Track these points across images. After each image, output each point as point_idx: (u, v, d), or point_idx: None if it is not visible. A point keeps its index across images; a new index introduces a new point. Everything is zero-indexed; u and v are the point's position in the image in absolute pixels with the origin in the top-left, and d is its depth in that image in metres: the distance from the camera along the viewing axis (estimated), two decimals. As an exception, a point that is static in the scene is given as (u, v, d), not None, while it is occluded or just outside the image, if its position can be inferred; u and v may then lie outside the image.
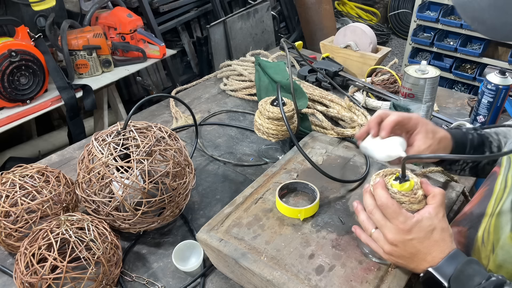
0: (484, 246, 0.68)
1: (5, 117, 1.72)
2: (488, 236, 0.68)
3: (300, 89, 1.29)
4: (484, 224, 0.70)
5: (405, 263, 0.70)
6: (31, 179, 0.91)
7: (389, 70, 1.54)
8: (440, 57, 3.51)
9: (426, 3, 3.41)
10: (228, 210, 0.89)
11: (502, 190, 0.69)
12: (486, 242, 0.68)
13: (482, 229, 0.70)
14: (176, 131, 1.35)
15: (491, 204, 0.71)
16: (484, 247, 0.68)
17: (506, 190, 0.68)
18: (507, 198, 0.67)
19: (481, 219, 0.71)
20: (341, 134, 1.19)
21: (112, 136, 0.89)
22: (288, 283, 0.73)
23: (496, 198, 0.70)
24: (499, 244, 0.65)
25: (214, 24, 2.86)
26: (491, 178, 0.76)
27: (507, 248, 0.64)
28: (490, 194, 0.72)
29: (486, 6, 0.56)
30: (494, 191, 0.71)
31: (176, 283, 0.87)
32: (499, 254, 0.65)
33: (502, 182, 0.70)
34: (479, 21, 0.58)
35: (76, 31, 1.98)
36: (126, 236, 0.97)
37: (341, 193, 0.95)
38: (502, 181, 0.70)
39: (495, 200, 0.70)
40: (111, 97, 2.34)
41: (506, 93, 1.23)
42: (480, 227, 0.71)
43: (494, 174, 0.75)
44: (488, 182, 0.77)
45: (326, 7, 3.65)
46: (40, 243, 0.78)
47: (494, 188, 0.72)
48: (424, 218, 0.67)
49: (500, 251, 0.65)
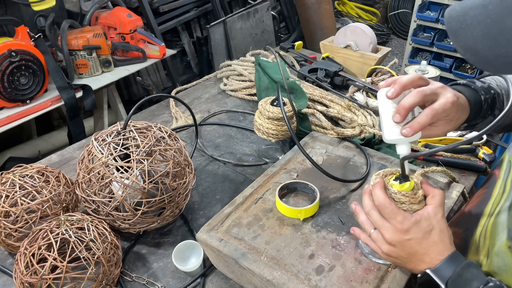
0: (479, 250, 0.68)
1: (5, 117, 1.72)
2: (484, 241, 0.67)
3: (300, 89, 1.29)
4: (480, 227, 0.69)
5: (403, 263, 0.70)
6: (31, 179, 0.91)
7: (389, 70, 1.54)
8: (440, 57, 3.51)
9: (426, 3, 3.42)
10: (228, 210, 0.89)
11: (500, 195, 0.69)
12: (482, 246, 0.67)
13: (478, 232, 0.69)
14: (176, 131, 1.35)
15: (488, 207, 0.70)
16: (479, 251, 0.68)
17: (504, 195, 0.67)
18: (505, 203, 0.66)
19: (478, 221, 0.71)
20: (341, 134, 1.19)
21: (112, 136, 0.89)
22: (288, 283, 0.73)
23: (494, 202, 0.69)
24: (494, 250, 0.64)
25: (214, 24, 2.86)
26: (491, 180, 0.75)
27: (502, 255, 0.63)
28: (488, 197, 0.71)
29: (479, 36, 0.52)
30: (492, 195, 0.71)
31: (176, 283, 0.87)
32: (494, 261, 0.64)
33: (501, 186, 0.69)
34: (471, 52, 0.55)
35: (76, 31, 1.98)
36: (126, 236, 0.97)
37: (341, 193, 0.95)
38: (501, 185, 0.70)
39: (493, 204, 0.69)
40: (111, 97, 2.34)
41: (506, 93, 1.23)
42: (476, 230, 0.70)
43: (494, 176, 0.74)
44: (487, 184, 0.76)
45: (326, 7, 3.65)
46: (40, 243, 0.78)
47: (493, 191, 0.71)
48: (422, 218, 0.67)
49: (495, 258, 0.64)
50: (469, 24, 0.53)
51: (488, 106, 0.78)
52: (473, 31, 0.53)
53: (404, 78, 0.68)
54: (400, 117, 0.67)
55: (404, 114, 0.67)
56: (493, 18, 0.51)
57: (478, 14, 0.52)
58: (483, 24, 0.52)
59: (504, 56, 0.51)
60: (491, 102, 0.78)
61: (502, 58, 0.52)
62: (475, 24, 0.53)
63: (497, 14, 0.51)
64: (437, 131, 0.72)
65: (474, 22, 0.53)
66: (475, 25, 0.53)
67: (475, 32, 0.53)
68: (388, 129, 0.70)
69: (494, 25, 0.51)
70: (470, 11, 0.53)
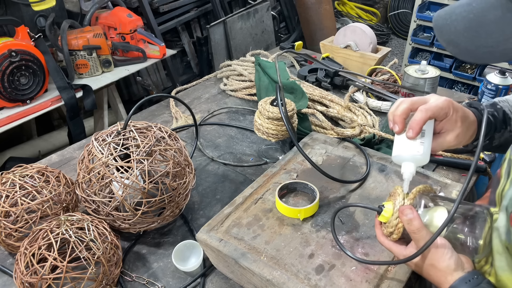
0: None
1: (5, 117, 1.72)
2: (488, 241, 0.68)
3: (300, 89, 1.29)
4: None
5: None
6: (31, 179, 0.91)
7: (389, 70, 1.54)
8: (440, 57, 3.51)
9: (426, 3, 3.41)
10: (228, 210, 0.89)
11: (499, 194, 0.69)
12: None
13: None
14: (176, 131, 1.35)
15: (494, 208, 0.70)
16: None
17: (503, 193, 0.68)
18: (503, 202, 0.66)
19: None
20: (341, 134, 1.19)
21: (112, 136, 0.89)
22: (288, 283, 0.73)
23: (497, 201, 0.70)
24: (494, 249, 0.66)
25: (214, 24, 2.85)
26: (495, 181, 0.74)
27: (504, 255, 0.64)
28: (494, 199, 0.72)
29: (462, 30, 0.57)
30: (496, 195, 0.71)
31: (176, 283, 0.87)
32: (496, 260, 0.66)
33: (502, 185, 0.70)
34: (453, 44, 0.59)
35: (76, 31, 1.98)
36: (126, 236, 0.97)
37: (340, 193, 0.95)
38: (502, 183, 0.70)
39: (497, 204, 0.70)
40: (111, 97, 2.34)
41: (506, 93, 1.24)
42: None
43: (496, 177, 0.74)
44: (492, 185, 0.76)
45: (326, 7, 3.64)
46: (40, 243, 0.78)
47: (496, 191, 0.71)
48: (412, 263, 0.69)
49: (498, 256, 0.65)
50: (454, 20, 0.59)
51: (499, 119, 0.79)
52: (456, 26, 0.58)
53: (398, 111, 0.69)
54: (414, 133, 0.68)
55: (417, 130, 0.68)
56: (475, 13, 0.56)
57: (462, 11, 0.58)
58: (466, 19, 0.57)
59: (484, 46, 0.56)
60: (502, 115, 0.79)
61: (482, 48, 0.57)
62: (459, 19, 0.58)
63: (479, 9, 0.56)
64: (448, 138, 0.71)
65: (458, 18, 0.58)
66: (459, 20, 0.58)
67: (458, 27, 0.58)
68: (396, 147, 0.71)
69: (475, 19, 0.56)
70: (456, 9, 0.59)
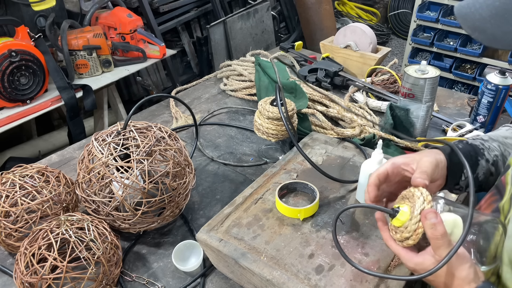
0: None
1: (5, 117, 1.72)
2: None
3: (300, 89, 1.29)
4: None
5: None
6: (31, 179, 0.91)
7: (389, 70, 1.54)
8: (440, 57, 3.51)
9: (426, 3, 3.41)
10: (228, 210, 0.89)
11: (508, 202, 0.68)
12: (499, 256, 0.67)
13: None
14: (176, 131, 1.35)
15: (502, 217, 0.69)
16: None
17: None
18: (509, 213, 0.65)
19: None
20: (341, 134, 1.19)
21: (112, 136, 0.89)
22: (288, 283, 0.73)
23: (504, 209, 0.68)
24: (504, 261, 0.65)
25: (214, 24, 2.86)
26: (499, 187, 0.73)
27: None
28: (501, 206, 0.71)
29: (487, 16, 0.57)
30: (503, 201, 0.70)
31: (176, 283, 0.87)
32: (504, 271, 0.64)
33: (509, 192, 0.68)
34: (479, 30, 0.59)
35: (76, 31, 1.98)
36: (126, 236, 0.97)
37: (340, 193, 0.95)
38: (509, 190, 0.68)
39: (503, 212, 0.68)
40: (111, 97, 2.34)
41: (506, 93, 1.23)
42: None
43: (501, 183, 0.72)
44: (496, 192, 0.74)
45: (326, 7, 3.64)
46: (40, 243, 0.78)
47: (503, 198, 0.70)
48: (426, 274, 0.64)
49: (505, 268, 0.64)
50: (478, 8, 0.58)
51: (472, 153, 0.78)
52: (481, 13, 0.58)
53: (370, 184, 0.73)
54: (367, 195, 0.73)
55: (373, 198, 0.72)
56: (501, 1, 0.56)
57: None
58: (492, 6, 0.57)
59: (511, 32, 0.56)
60: (472, 148, 0.79)
61: (509, 35, 0.56)
62: (484, 7, 0.58)
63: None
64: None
65: (483, 6, 0.58)
66: (484, 8, 0.58)
67: (483, 14, 0.57)
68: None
69: (502, 6, 0.56)
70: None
